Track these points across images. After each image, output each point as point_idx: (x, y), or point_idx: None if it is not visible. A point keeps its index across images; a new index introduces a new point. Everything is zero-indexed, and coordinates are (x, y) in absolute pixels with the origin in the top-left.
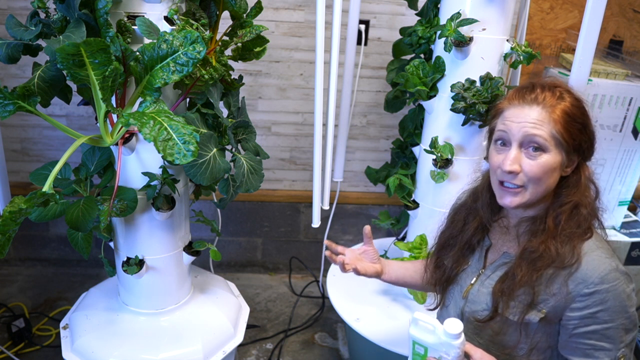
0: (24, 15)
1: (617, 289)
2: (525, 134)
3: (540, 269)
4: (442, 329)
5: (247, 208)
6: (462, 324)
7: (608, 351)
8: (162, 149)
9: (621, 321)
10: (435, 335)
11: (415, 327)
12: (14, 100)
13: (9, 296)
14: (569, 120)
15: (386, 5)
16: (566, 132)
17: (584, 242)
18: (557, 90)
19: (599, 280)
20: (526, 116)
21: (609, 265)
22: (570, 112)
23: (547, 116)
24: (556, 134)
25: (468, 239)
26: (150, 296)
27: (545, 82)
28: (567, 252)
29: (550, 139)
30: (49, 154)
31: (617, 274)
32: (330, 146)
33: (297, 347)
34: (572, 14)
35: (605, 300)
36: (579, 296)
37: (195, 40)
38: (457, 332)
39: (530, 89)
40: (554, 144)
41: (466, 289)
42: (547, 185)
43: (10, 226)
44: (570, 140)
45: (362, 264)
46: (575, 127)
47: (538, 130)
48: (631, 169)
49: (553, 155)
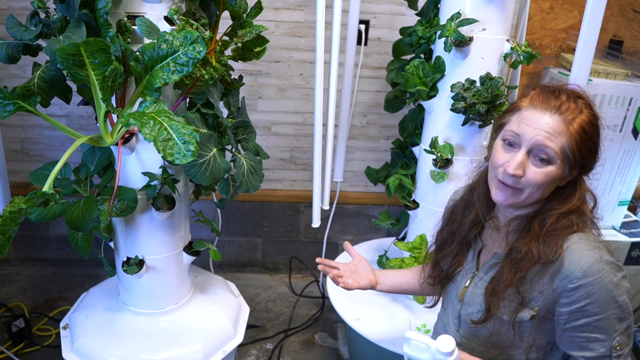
0: (24, 15)
1: (603, 280)
2: (537, 142)
3: (523, 270)
4: (435, 347)
5: (247, 208)
6: (454, 341)
7: (603, 341)
8: (162, 149)
9: (612, 311)
10: (429, 353)
11: (408, 345)
12: (14, 100)
13: (9, 296)
14: (584, 137)
15: (386, 5)
16: (577, 149)
17: (567, 237)
18: (581, 102)
19: (581, 274)
20: (544, 124)
21: (592, 257)
22: (586, 129)
23: (564, 128)
24: (567, 149)
25: (465, 234)
26: (150, 296)
27: (570, 90)
28: (550, 250)
29: (560, 152)
30: (49, 154)
31: (601, 264)
32: (330, 146)
33: (297, 347)
34: (572, 14)
35: (592, 293)
36: (564, 292)
37: (195, 40)
38: (450, 350)
39: (557, 95)
40: (562, 158)
41: (461, 291)
42: (543, 192)
43: (10, 226)
44: (579, 157)
45: (355, 277)
46: (587, 145)
47: (551, 142)
48: (631, 169)
49: (558, 167)
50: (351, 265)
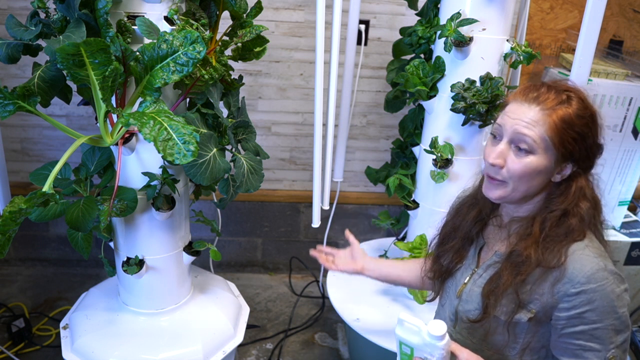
0: (24, 15)
1: (605, 288)
2: (516, 132)
3: (523, 274)
4: (426, 331)
5: (247, 208)
6: (446, 325)
7: (597, 352)
8: (162, 149)
9: (610, 322)
10: (420, 336)
11: (400, 327)
12: (14, 100)
13: (9, 296)
14: (564, 127)
15: (386, 5)
16: (558, 138)
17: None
18: (566, 94)
19: (585, 280)
20: (522, 114)
21: (597, 264)
22: (568, 119)
23: (542, 118)
24: (547, 137)
25: (468, 230)
26: (150, 296)
27: (556, 83)
28: (553, 256)
29: (540, 141)
30: (49, 154)
31: (605, 273)
32: (330, 146)
33: (297, 347)
34: (572, 14)
35: (593, 300)
36: (565, 296)
37: (195, 40)
38: (441, 334)
39: (536, 88)
40: (543, 147)
41: (460, 288)
42: (530, 185)
43: (10, 226)
44: (560, 147)
45: (341, 262)
46: (569, 135)
47: (529, 130)
48: (631, 169)
49: (540, 158)
50: (345, 251)
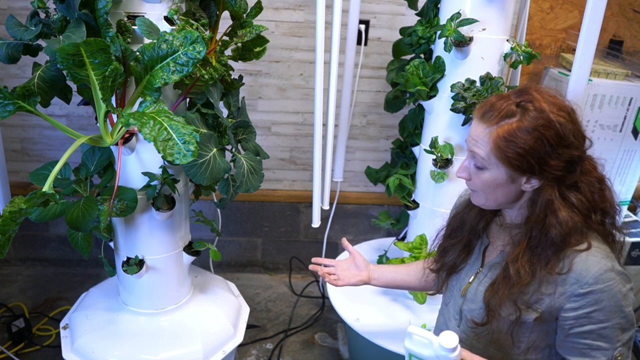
0: (24, 15)
1: (613, 289)
2: (470, 149)
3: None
4: (437, 343)
5: (247, 208)
6: (457, 337)
7: (605, 350)
8: (162, 149)
9: (617, 320)
10: (432, 348)
11: (410, 340)
12: (14, 100)
13: (9, 296)
14: (505, 144)
15: (386, 5)
16: (500, 154)
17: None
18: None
19: (593, 281)
20: (473, 131)
21: (604, 265)
22: (510, 136)
23: (486, 135)
24: (492, 155)
25: (475, 224)
26: (150, 296)
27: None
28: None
29: (488, 158)
30: (49, 154)
31: (612, 274)
32: (330, 146)
33: (297, 347)
34: (572, 14)
35: (600, 300)
36: (573, 296)
37: (195, 40)
38: (453, 346)
39: (486, 104)
40: (493, 163)
41: (465, 287)
42: (497, 196)
43: (10, 226)
44: (506, 163)
45: (346, 274)
46: (513, 150)
47: (478, 149)
48: (631, 169)
49: (494, 172)
50: (347, 261)
